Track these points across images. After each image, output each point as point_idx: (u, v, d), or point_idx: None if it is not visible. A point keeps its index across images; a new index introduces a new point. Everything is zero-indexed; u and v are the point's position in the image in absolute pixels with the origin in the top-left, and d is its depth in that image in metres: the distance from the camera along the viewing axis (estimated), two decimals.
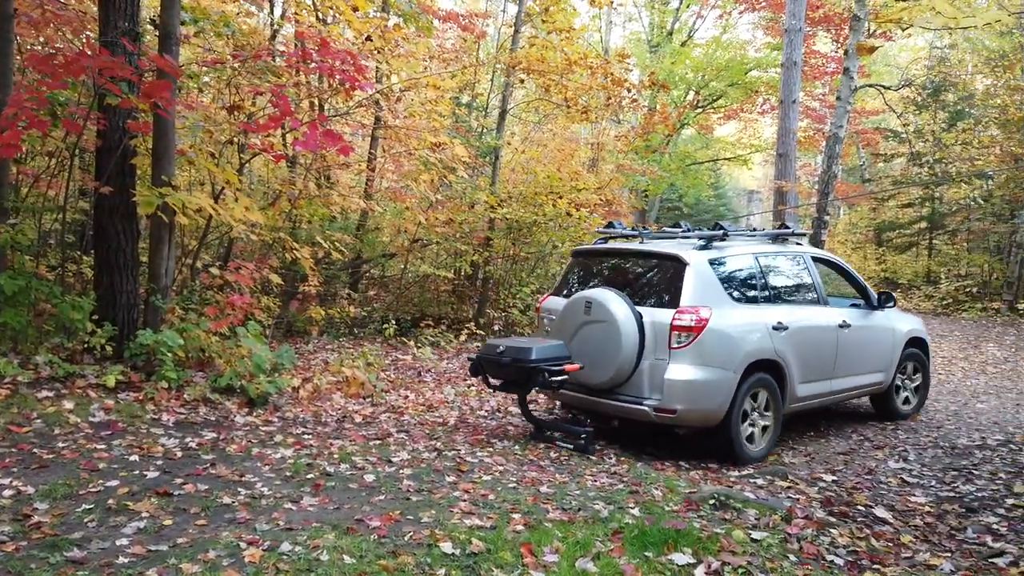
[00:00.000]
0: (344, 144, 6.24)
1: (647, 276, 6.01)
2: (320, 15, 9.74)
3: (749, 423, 5.68)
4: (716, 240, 5.93)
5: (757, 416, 5.73)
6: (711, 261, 5.67)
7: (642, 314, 5.48)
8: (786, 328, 5.81)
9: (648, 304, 5.61)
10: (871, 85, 21.95)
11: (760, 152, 25.17)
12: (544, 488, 4.44)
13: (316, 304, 9.54)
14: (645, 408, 5.39)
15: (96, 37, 6.39)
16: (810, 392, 6.15)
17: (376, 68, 10.53)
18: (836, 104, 13.99)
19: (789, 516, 4.02)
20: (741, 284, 5.91)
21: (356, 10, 8.40)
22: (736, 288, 5.82)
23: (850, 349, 6.45)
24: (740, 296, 5.81)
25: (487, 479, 4.58)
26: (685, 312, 5.35)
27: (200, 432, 5.14)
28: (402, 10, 10.30)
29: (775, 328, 5.74)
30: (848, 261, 16.40)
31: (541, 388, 5.65)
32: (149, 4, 8.65)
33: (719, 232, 5.99)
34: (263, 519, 3.65)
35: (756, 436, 5.74)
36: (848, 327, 6.45)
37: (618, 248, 6.38)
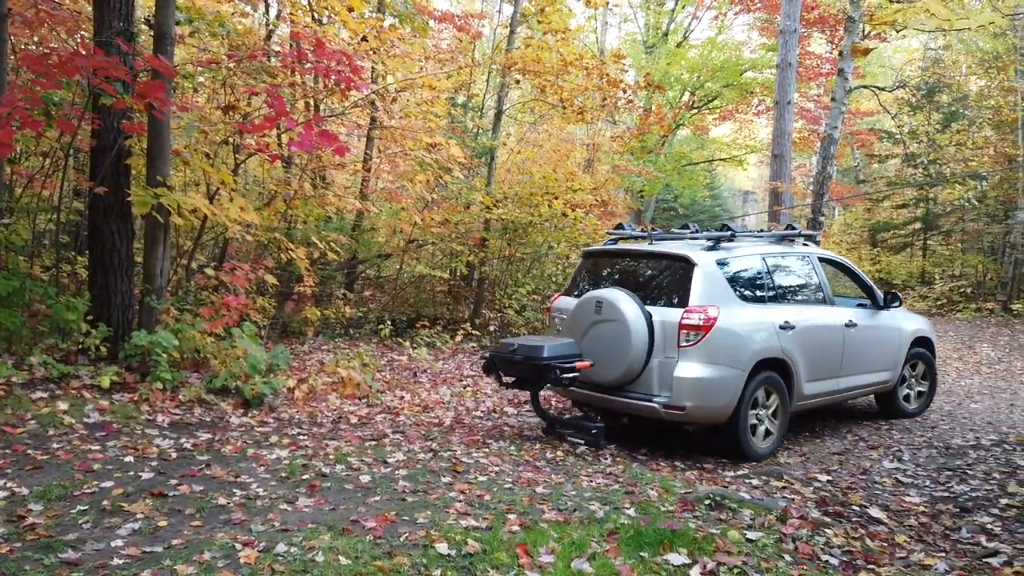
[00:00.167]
0: (340, 144, 6.24)
1: (656, 276, 6.07)
2: (315, 15, 9.72)
3: (756, 420, 5.74)
4: (724, 241, 6.00)
5: (764, 414, 5.79)
6: (719, 262, 5.75)
7: (652, 313, 5.56)
8: (793, 327, 5.87)
9: (657, 303, 5.68)
10: (866, 86, 22.00)
11: (755, 153, 25.20)
12: (540, 489, 4.45)
13: (312, 305, 9.53)
14: (655, 405, 5.47)
15: (91, 37, 6.37)
16: (817, 390, 6.21)
17: (372, 68, 10.52)
18: (831, 105, 14.01)
19: (784, 516, 4.03)
20: (748, 284, 5.97)
21: (352, 10, 8.38)
22: (743, 288, 5.89)
23: (856, 348, 6.51)
24: (747, 296, 5.88)
25: (483, 480, 4.58)
26: (694, 311, 5.42)
27: (195, 433, 5.13)
28: (398, 10, 10.31)
29: (782, 327, 5.81)
30: None
31: (553, 385, 5.71)
32: (144, 4, 8.63)
33: (727, 233, 6.06)
34: (258, 520, 3.64)
35: (763, 433, 5.81)
36: (854, 327, 6.52)
37: (628, 249, 6.46)
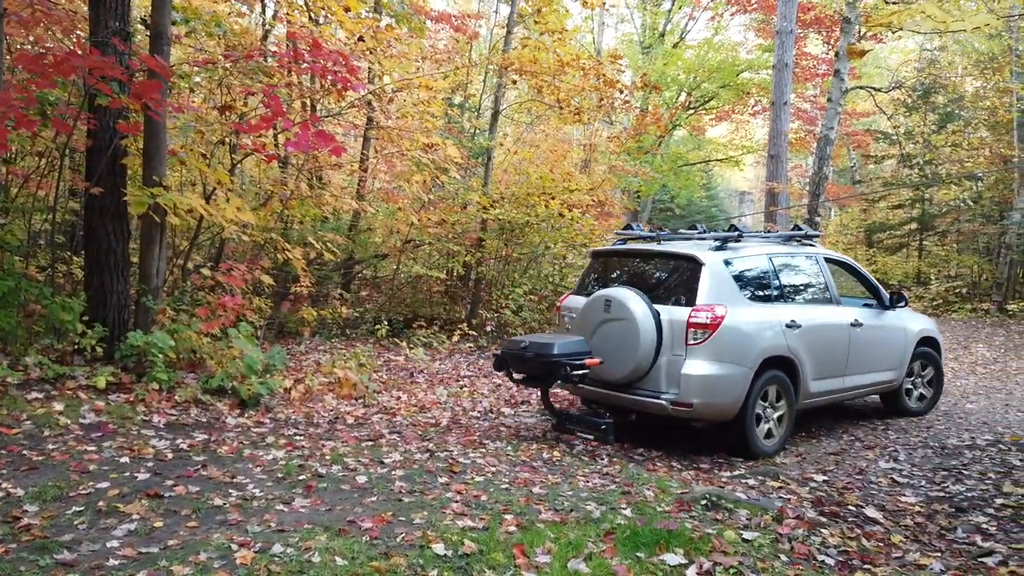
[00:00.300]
0: (336, 145, 6.24)
1: (664, 276, 6.12)
2: (312, 15, 9.71)
3: (763, 418, 5.79)
4: (731, 241, 6.06)
5: (771, 411, 5.84)
6: (726, 261, 5.82)
7: (660, 312, 5.62)
8: (799, 326, 5.93)
9: (666, 302, 5.74)
10: (862, 87, 22.06)
11: (751, 153, 25.25)
12: (536, 489, 4.45)
13: (308, 305, 9.51)
14: (662, 402, 5.53)
15: (86, 37, 6.36)
16: (822, 389, 6.27)
17: (368, 69, 10.52)
18: (827, 106, 14.07)
19: (780, 516, 4.03)
20: (755, 283, 6.02)
21: (348, 11, 8.37)
22: (750, 287, 5.95)
23: (862, 347, 6.57)
24: (754, 295, 5.94)
25: (479, 480, 4.58)
26: (701, 310, 5.48)
27: (191, 434, 5.12)
28: (394, 11, 10.31)
29: (788, 326, 5.87)
30: None
31: (563, 382, 5.77)
32: (140, 4, 8.60)
33: (734, 234, 6.14)
34: (254, 521, 3.64)
35: (770, 431, 5.85)
36: (860, 326, 6.58)
37: (636, 249, 6.52)
